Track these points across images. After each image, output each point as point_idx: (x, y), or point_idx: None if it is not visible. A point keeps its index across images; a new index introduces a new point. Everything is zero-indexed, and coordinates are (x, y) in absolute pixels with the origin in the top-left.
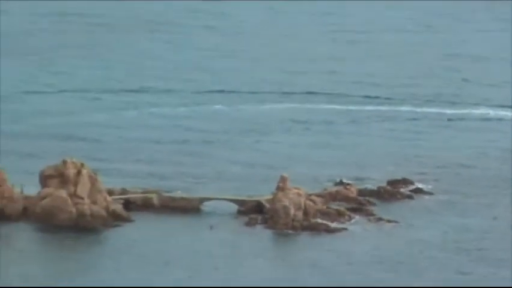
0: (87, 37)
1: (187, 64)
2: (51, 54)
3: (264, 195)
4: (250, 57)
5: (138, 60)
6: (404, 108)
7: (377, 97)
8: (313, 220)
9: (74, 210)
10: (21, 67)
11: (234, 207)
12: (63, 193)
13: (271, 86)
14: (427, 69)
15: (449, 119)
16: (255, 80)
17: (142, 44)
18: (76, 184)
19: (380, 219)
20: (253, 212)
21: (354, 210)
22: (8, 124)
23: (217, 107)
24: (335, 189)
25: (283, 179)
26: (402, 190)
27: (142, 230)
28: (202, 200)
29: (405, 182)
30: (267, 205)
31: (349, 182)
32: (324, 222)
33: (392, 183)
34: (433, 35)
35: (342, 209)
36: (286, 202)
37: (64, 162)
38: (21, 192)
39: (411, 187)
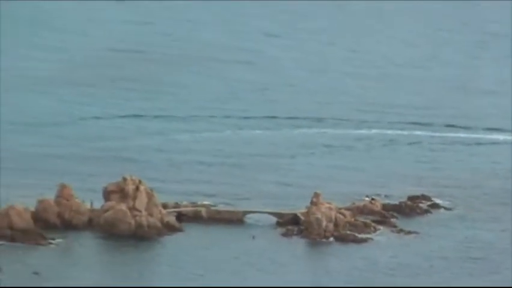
0: (140, 70)
1: (230, 94)
2: (108, 84)
3: (299, 209)
4: (286, 90)
5: (185, 91)
6: (422, 133)
7: (398, 122)
8: (342, 231)
9: (133, 221)
10: (80, 95)
11: (273, 219)
12: (123, 206)
13: (304, 113)
14: (442, 98)
15: (461, 144)
16: (289, 108)
17: (188, 76)
18: (134, 199)
19: (401, 230)
20: (290, 223)
21: (379, 222)
22: (69, 147)
23: (257, 131)
24: (361, 204)
25: (316, 195)
26: (421, 205)
27: (192, 239)
28: (245, 213)
29: (424, 198)
30: (302, 217)
31: (374, 197)
32: (352, 233)
33: (412, 198)
34: (448, 69)
35: (368, 221)
36: (319, 215)
37: (124, 179)
38: (91, 206)
39: (429, 202)
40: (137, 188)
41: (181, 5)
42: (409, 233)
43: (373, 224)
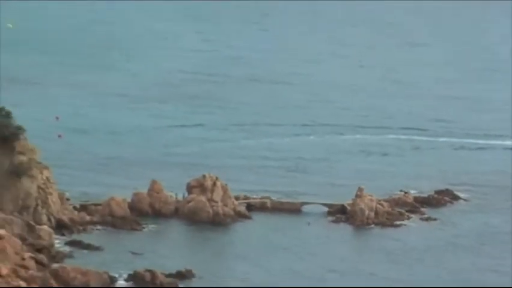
0: (204, 88)
1: (283, 108)
2: (195, 100)
3: (346, 201)
4: (329, 106)
5: (246, 106)
6: (445, 139)
7: (426, 130)
8: (381, 218)
9: (211, 210)
10: (169, 109)
11: (325, 209)
12: (203, 198)
13: (347, 121)
14: (464, 110)
15: (479, 148)
16: (335, 117)
17: (248, 94)
18: (212, 192)
19: (429, 218)
20: (338, 212)
21: (411, 211)
22: (153, 152)
23: (311, 137)
24: (397, 196)
25: (360, 189)
26: (445, 197)
27: (259, 225)
28: (302, 204)
29: (447, 191)
30: (349, 208)
31: (407, 191)
32: (389, 220)
33: (438, 192)
34: (467, 89)
35: (402, 211)
36: (363, 205)
37: (204, 176)
38: (176, 197)
39: (452, 195)
40: (214, 183)
41: (246, 33)
42: (435, 220)
43: (406, 213)
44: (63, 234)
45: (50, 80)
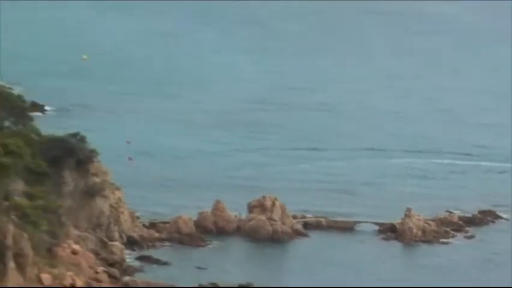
0: (276, 116)
1: (341, 132)
2: (254, 127)
3: (395, 220)
4: (385, 131)
5: (310, 130)
6: (487, 163)
7: (469, 154)
8: (428, 236)
9: (270, 228)
10: (229, 135)
11: (375, 227)
12: (263, 217)
13: (396, 146)
14: (503, 136)
15: None
16: (384, 142)
17: (312, 120)
18: (271, 211)
19: (472, 236)
20: (388, 231)
21: (456, 230)
22: (222, 172)
23: (361, 161)
24: (443, 216)
25: (408, 209)
26: (488, 217)
27: (315, 242)
28: (355, 223)
29: (490, 212)
30: (398, 226)
31: (452, 211)
32: (436, 238)
33: (481, 212)
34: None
35: (448, 229)
36: (411, 224)
37: (264, 197)
38: (238, 216)
39: (495, 215)
40: (273, 204)
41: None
42: (479, 238)
43: (451, 232)
44: (133, 250)
45: (121, 107)
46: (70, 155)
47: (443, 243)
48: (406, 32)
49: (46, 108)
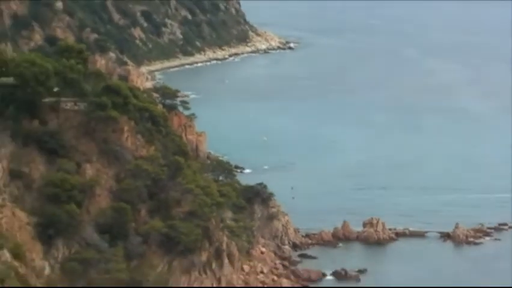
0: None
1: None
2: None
3: (449, 230)
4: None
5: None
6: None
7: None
8: (470, 239)
9: (375, 236)
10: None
11: (438, 234)
12: (371, 230)
13: (437, 184)
14: None
15: None
16: (428, 181)
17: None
18: (376, 226)
19: (497, 239)
20: (445, 236)
21: (486, 234)
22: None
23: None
24: (478, 227)
25: (457, 224)
26: (505, 226)
27: (403, 244)
28: (425, 232)
29: (506, 224)
30: (451, 233)
31: (483, 223)
32: (474, 240)
33: (502, 224)
34: None
35: (480, 235)
36: (459, 232)
37: (371, 218)
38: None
39: (509, 226)
40: (377, 222)
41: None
42: (500, 240)
43: (483, 236)
44: (296, 250)
45: (286, 168)
46: (257, 195)
47: (479, 243)
48: None
49: (246, 169)
